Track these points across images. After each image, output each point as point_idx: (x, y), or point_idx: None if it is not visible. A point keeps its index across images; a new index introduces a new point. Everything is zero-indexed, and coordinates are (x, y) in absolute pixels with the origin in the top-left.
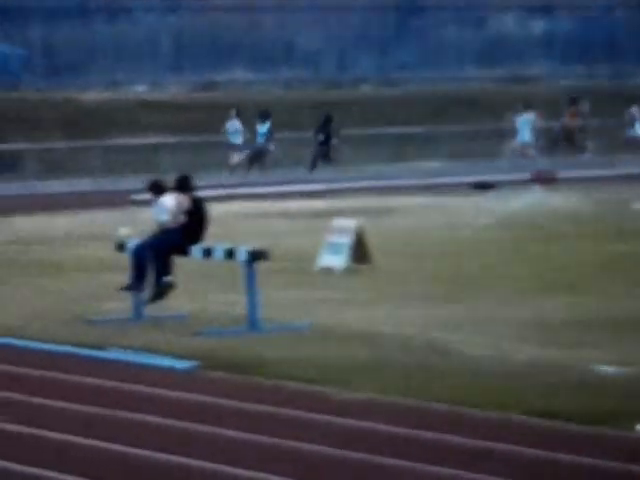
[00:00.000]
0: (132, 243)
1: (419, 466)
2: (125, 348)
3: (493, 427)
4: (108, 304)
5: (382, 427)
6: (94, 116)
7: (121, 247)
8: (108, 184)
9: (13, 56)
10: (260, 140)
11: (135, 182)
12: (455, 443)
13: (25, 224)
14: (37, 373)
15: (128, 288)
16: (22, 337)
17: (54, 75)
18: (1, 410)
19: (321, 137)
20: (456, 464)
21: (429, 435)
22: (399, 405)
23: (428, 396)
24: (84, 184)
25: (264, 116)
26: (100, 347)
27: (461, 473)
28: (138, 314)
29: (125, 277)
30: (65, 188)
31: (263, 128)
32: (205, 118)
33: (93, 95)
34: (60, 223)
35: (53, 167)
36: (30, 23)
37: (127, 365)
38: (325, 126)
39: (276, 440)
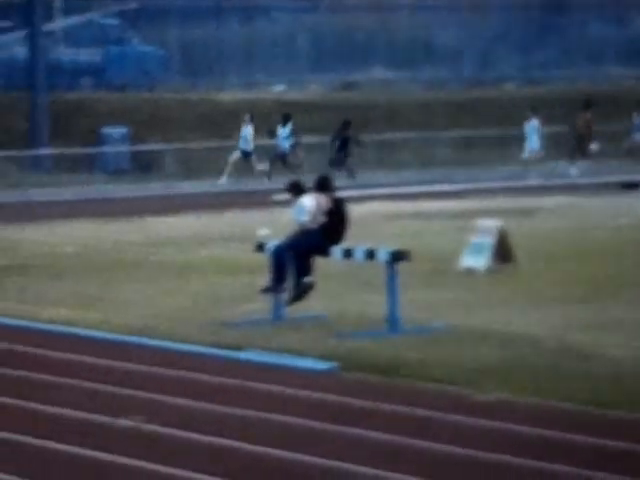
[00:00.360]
0: (271, 244)
1: (557, 467)
2: (264, 349)
3: (635, 428)
4: (247, 305)
5: (520, 428)
6: (231, 116)
7: (260, 248)
8: (248, 184)
9: (151, 57)
10: (282, 143)
11: (275, 182)
12: (586, 444)
13: (163, 224)
14: (174, 373)
15: (267, 290)
16: (157, 337)
17: (191, 75)
18: (138, 410)
19: (338, 143)
20: (587, 465)
21: (566, 436)
22: (537, 406)
23: (561, 397)
24: (223, 184)
25: (286, 119)
26: (238, 348)
27: (590, 474)
28: (278, 315)
29: (264, 278)
30: (203, 188)
31: (284, 131)
32: (343, 118)
33: (230, 95)
34: (198, 224)
35: (190, 167)
36: (168, 24)
37: (266, 366)
38: (342, 132)
39: (413, 441)
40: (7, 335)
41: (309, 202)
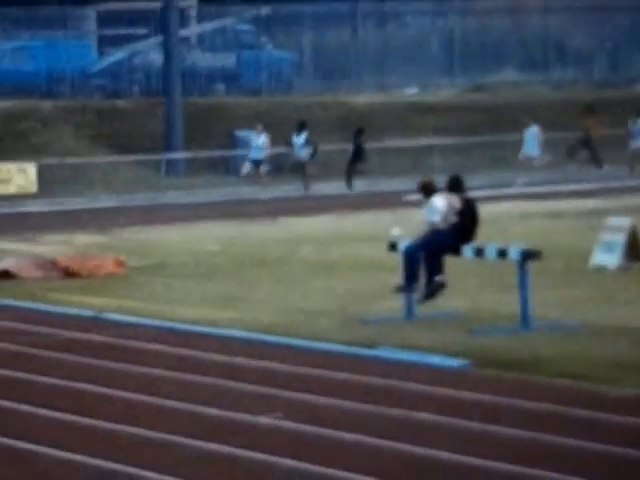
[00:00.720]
0: (404, 244)
1: None
2: (397, 347)
3: None
4: (380, 304)
5: None
6: (365, 119)
7: (393, 247)
8: (381, 185)
9: (286, 61)
10: (298, 152)
11: (407, 183)
12: None
13: (299, 225)
14: (311, 371)
15: (400, 289)
16: (293, 335)
17: (325, 79)
18: (276, 407)
19: (351, 152)
20: None
21: None
22: None
23: None
24: (357, 185)
25: (301, 127)
26: (371, 346)
27: None
28: (410, 313)
29: (397, 277)
30: (338, 190)
31: (300, 139)
32: (475, 120)
33: (364, 98)
34: (334, 224)
35: (325, 169)
36: (302, 29)
37: (399, 363)
38: (356, 139)
39: (549, 437)
40: (149, 336)
41: (440, 202)
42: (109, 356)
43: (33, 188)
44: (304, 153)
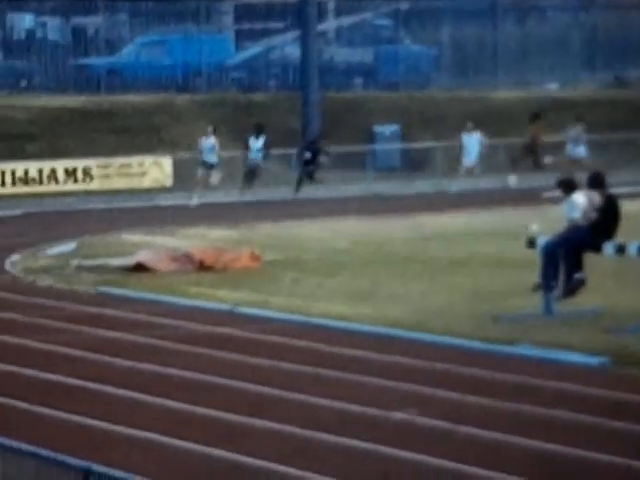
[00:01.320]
0: (542, 240)
1: None
2: (535, 344)
3: None
4: (517, 300)
5: None
6: (504, 115)
7: (532, 244)
8: (519, 181)
9: (424, 56)
10: (254, 156)
11: (546, 179)
12: None
13: (433, 221)
14: (445, 367)
15: (538, 287)
16: (425, 331)
17: (463, 74)
18: (411, 403)
19: (308, 155)
20: None
21: None
22: None
23: None
24: (497, 181)
25: (259, 130)
26: (508, 343)
27: None
28: (548, 310)
29: (534, 274)
30: (473, 186)
31: (257, 143)
32: (616, 116)
33: (502, 94)
34: (468, 220)
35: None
36: (441, 23)
37: (535, 360)
38: (313, 144)
39: None
40: (284, 330)
41: (581, 199)
42: (244, 350)
43: (168, 182)
44: (259, 157)
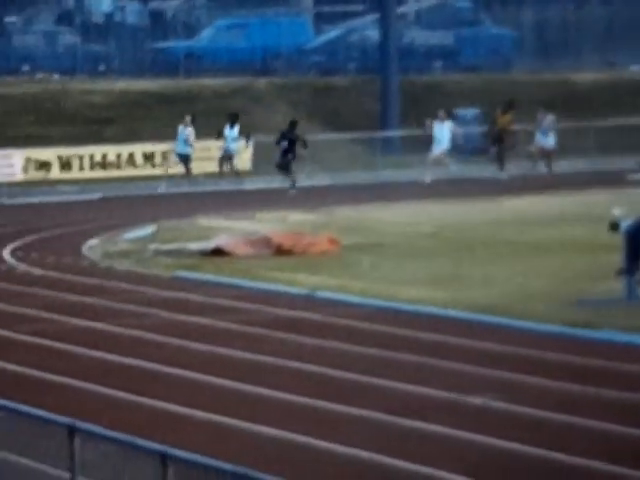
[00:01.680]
0: (625, 224)
1: None
2: (617, 329)
3: None
4: (599, 285)
5: None
6: (588, 97)
7: (615, 227)
8: (603, 164)
9: (505, 38)
10: (229, 144)
11: (630, 162)
12: None
13: (517, 205)
14: (526, 352)
15: (622, 272)
16: (507, 315)
17: (545, 56)
18: (490, 388)
19: (285, 144)
20: None
21: None
22: None
23: None
24: (579, 164)
25: (233, 119)
26: (590, 327)
27: None
28: (632, 295)
29: (617, 258)
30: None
31: (232, 132)
32: None
33: (587, 76)
34: (552, 204)
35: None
36: (522, 5)
37: (618, 345)
38: (289, 133)
39: None
40: (363, 314)
41: None
42: (322, 334)
43: (248, 166)
44: (234, 146)
